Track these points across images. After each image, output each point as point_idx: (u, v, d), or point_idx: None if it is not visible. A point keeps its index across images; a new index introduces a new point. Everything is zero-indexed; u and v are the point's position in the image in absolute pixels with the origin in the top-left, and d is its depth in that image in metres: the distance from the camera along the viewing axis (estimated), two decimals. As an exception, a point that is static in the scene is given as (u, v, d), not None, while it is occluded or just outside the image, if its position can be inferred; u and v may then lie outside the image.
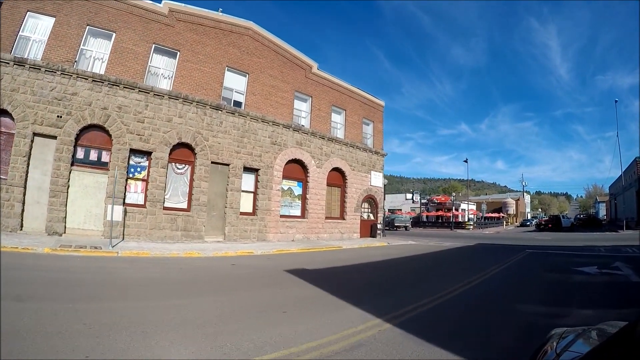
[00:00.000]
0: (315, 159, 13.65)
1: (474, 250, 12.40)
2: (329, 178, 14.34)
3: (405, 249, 11.84)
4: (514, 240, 17.79)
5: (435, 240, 17.44)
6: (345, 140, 14.74)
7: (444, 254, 11.24)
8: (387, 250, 11.42)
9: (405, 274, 7.19)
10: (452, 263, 9.17)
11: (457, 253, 11.55)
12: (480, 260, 9.48)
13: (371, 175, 15.95)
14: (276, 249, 10.04)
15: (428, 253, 11.08)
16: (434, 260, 9.70)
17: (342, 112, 15.09)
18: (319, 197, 13.66)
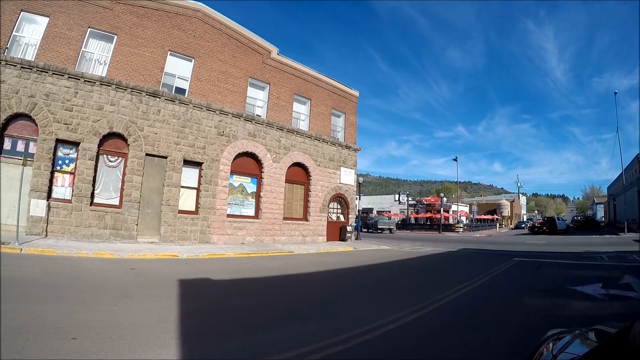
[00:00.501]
0: (272, 152, 12.87)
1: (453, 257, 11.15)
2: (288, 174, 13.51)
3: (371, 256, 10.75)
4: (503, 245, 16.67)
5: (416, 244, 16.50)
6: (309, 133, 13.90)
7: (414, 262, 10.02)
8: (349, 257, 10.35)
9: (347, 290, 5.84)
10: (415, 276, 7.72)
11: (430, 261, 10.27)
12: (453, 272, 8.12)
13: (341, 172, 14.99)
14: (208, 253, 9.28)
15: (396, 261, 9.92)
16: (394, 271, 8.40)
17: (306, 101, 14.29)
18: (276, 195, 12.84)
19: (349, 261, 9.36)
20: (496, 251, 13.38)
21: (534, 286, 6.23)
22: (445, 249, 14.28)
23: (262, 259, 9.20)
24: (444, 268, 9.09)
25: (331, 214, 14.95)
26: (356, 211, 17.36)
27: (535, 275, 7.46)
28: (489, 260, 9.92)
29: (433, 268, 9.02)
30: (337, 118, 15.66)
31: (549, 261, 9.59)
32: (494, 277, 7.10)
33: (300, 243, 13.40)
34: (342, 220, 15.32)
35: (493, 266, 8.40)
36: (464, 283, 6.16)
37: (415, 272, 8.25)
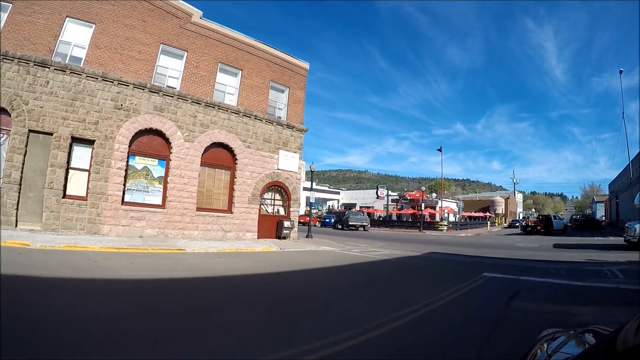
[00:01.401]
0: (184, 130, 11.82)
1: (400, 268, 9.09)
2: (208, 157, 12.37)
3: (288, 261, 9.05)
4: (484, 249, 14.76)
5: (379, 244, 15.18)
6: (236, 108, 12.69)
7: (335, 274, 7.82)
8: (254, 261, 8.57)
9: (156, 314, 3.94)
10: (301, 301, 5.37)
11: (364, 273, 7.99)
12: (376, 297, 5.60)
13: (279, 156, 13.56)
14: (66, 245, 8.29)
15: (311, 269, 8.08)
16: (284, 290, 6.28)
17: (237, 72, 13.18)
18: (187, 181, 11.70)
19: (241, 267, 7.77)
20: (469, 258, 11.51)
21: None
22: (408, 252, 12.62)
23: (129, 256, 7.93)
24: (371, 287, 6.39)
25: (266, 205, 13.48)
26: (305, 203, 15.82)
27: (500, 321, 4.25)
28: (447, 276, 7.74)
29: (354, 286, 6.47)
30: (279, 93, 14.36)
31: (534, 281, 7.06)
32: (421, 319, 4.25)
33: (219, 240, 12.08)
34: (282, 214, 13.76)
35: (442, 289, 5.84)
36: (361, 326, 3.70)
37: (310, 293, 5.79)
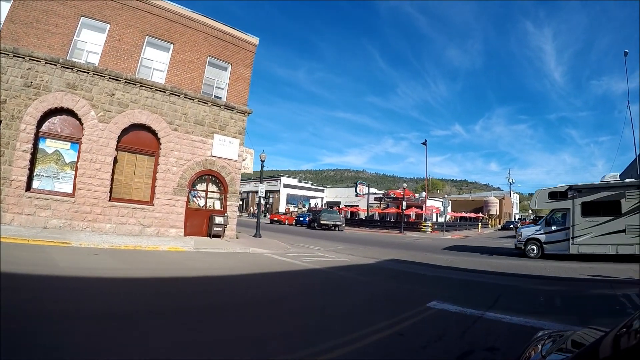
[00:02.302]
0: (99, 109, 11.47)
1: (329, 283, 7.62)
2: (127, 140, 11.97)
3: (188, 266, 8.13)
4: (462, 256, 13.49)
5: (336, 247, 14.58)
6: (162, 85, 12.17)
7: (212, 287, 6.78)
8: (126, 264, 7.70)
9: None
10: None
11: (241, 293, 6.23)
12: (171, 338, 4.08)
13: (214, 141, 12.77)
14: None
15: (193, 277, 7.05)
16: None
17: (168, 46, 12.69)
18: (99, 167, 11.28)
19: (91, 268, 6.94)
20: (433, 270, 10.22)
21: None
22: (362, 259, 11.65)
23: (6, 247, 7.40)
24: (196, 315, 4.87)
25: (197, 198, 12.67)
26: (261, 200, 15.11)
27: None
28: (370, 306, 5.71)
29: (182, 310, 4.79)
30: (220, 70, 13.73)
31: (509, 324, 4.64)
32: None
33: (135, 235, 11.48)
34: (217, 208, 12.88)
35: (326, 338, 3.81)
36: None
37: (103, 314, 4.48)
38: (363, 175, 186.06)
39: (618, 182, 13.10)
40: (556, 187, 13.97)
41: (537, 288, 7.94)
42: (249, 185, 59.20)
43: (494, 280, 8.81)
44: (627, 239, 11.82)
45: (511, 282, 8.64)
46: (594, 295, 7.32)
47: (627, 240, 11.85)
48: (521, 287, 8.08)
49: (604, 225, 12.21)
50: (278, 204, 48.28)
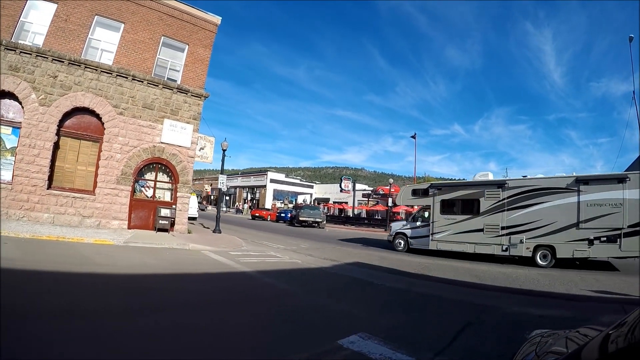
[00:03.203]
0: (40, 92, 11.25)
1: (244, 293, 6.70)
2: (70, 125, 11.89)
3: (94, 262, 7.76)
4: (442, 260, 12.62)
5: (302, 246, 13.98)
6: (108, 67, 11.75)
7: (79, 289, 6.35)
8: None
9: None
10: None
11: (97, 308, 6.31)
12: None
13: (164, 126, 12.16)
14: None
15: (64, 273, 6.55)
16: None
17: (119, 25, 12.30)
18: (38, 152, 11.04)
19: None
20: (398, 278, 9.07)
21: None
22: (321, 261, 10.90)
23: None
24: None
25: (145, 188, 12.08)
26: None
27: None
28: (263, 335, 4.41)
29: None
30: (176, 52, 13.34)
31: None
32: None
33: (74, 226, 11.02)
34: (167, 200, 12.19)
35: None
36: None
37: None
38: (361, 174, 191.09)
39: (478, 181, 13.11)
40: (419, 184, 15.05)
41: (527, 312, 6.06)
42: (236, 180, 59.57)
43: (465, 297, 7.14)
44: (486, 238, 12.01)
45: (490, 300, 6.92)
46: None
47: (485, 240, 12.02)
48: (502, 309, 6.29)
49: (462, 223, 12.53)
50: (264, 199, 48.14)
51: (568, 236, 10.85)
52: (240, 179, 57.31)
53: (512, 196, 11.81)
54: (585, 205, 10.74)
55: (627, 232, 10.11)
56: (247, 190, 53.57)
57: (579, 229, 10.73)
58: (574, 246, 10.76)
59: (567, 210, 10.95)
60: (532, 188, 11.61)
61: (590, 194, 10.71)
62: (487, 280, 9.09)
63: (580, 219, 10.72)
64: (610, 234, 10.33)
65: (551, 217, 11.15)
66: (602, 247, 10.43)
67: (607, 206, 10.45)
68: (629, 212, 10.15)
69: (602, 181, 10.84)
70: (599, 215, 10.51)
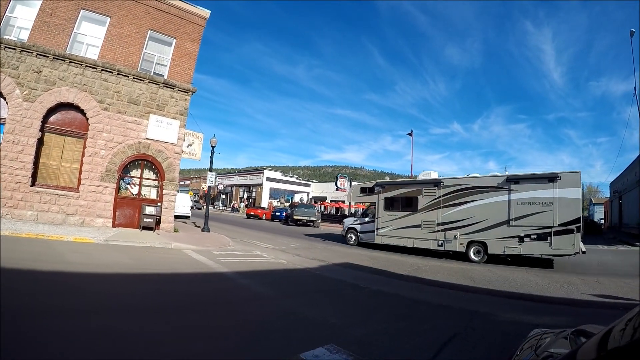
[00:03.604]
0: (24, 87, 11.26)
1: (213, 295, 6.36)
2: (55, 121, 12.01)
3: (63, 260, 7.76)
4: (424, 264, 12.47)
5: (289, 245, 13.93)
6: (93, 61, 11.67)
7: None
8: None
9: None
10: None
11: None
12: None
13: (150, 122, 12.04)
14: None
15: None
16: None
17: (104, 19, 12.21)
18: (21, 149, 11.13)
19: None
20: (383, 282, 8.58)
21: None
22: (304, 262, 10.57)
23: None
24: None
25: (131, 185, 11.98)
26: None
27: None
28: (214, 346, 3.80)
29: None
30: (163, 46, 13.30)
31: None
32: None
33: (58, 224, 11.00)
34: (153, 197, 12.05)
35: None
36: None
37: None
38: (361, 172, 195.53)
39: (417, 180, 14.19)
40: (366, 183, 15.79)
41: (522, 320, 5.60)
42: (233, 179, 59.68)
43: (456, 302, 6.72)
44: (423, 233, 12.72)
45: (483, 306, 6.47)
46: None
47: (422, 235, 12.73)
48: (494, 316, 5.84)
49: (402, 219, 13.37)
50: (261, 198, 48.32)
51: (499, 233, 11.24)
52: (236, 178, 57.52)
53: (447, 194, 12.38)
54: (516, 204, 11.02)
55: (557, 231, 10.31)
56: (243, 188, 53.71)
57: (509, 227, 11.05)
58: (505, 243, 11.12)
59: (498, 208, 11.30)
60: (466, 186, 12.09)
61: (521, 193, 11.00)
62: (481, 283, 8.79)
63: (511, 216, 11.04)
64: (540, 232, 10.54)
65: (483, 215, 11.57)
66: (533, 244, 10.69)
67: (538, 205, 10.70)
68: (559, 211, 10.36)
69: (532, 180, 11.09)
70: (529, 213, 10.77)
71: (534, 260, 11.99)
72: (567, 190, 10.37)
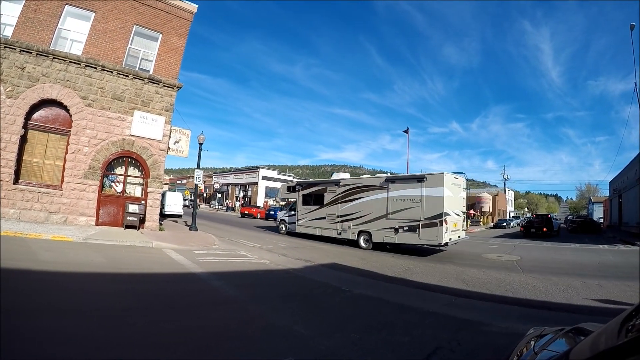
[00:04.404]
0: (7, 84, 11.39)
1: (175, 297, 6.02)
2: (38, 118, 12.16)
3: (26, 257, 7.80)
4: (428, 262, 12.50)
5: (278, 244, 13.66)
6: (77, 57, 11.69)
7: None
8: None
9: None
10: None
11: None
12: None
13: (134, 118, 12.00)
14: None
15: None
16: None
17: (89, 15, 12.17)
18: (4, 146, 11.77)
19: None
20: (367, 285, 8.67)
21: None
22: (288, 263, 10.59)
23: None
24: None
25: (115, 183, 11.95)
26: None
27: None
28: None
29: None
30: (149, 41, 13.26)
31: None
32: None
33: (40, 223, 10.98)
34: (138, 195, 12.00)
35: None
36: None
37: None
38: (360, 172, 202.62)
39: (324, 180, 17.40)
40: (290, 182, 19.05)
41: (517, 331, 5.66)
42: (228, 178, 59.85)
43: (445, 308, 6.26)
44: (327, 224, 15.46)
45: (474, 314, 5.98)
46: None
47: (327, 226, 15.45)
48: (486, 326, 5.34)
49: (313, 212, 16.27)
50: (256, 197, 48.26)
51: (380, 225, 13.43)
52: (232, 176, 57.65)
53: (344, 192, 14.93)
54: (392, 200, 13.09)
55: (424, 224, 12.11)
56: (239, 187, 53.79)
57: (387, 219, 13.17)
58: (385, 233, 13.26)
59: (379, 204, 13.51)
60: (357, 186, 14.62)
61: (396, 191, 13.04)
62: (475, 287, 8.42)
63: (388, 211, 13.18)
64: (411, 224, 12.46)
65: (368, 209, 13.91)
66: (406, 235, 12.66)
67: (409, 201, 12.63)
68: (426, 207, 12.13)
69: (405, 180, 13.23)
70: (402, 208, 12.76)
71: (414, 250, 13.68)
72: (432, 189, 12.05)
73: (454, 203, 12.35)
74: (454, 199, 12.39)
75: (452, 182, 12.37)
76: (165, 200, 24.86)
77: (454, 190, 12.38)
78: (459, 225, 12.78)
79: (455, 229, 12.48)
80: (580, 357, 0.80)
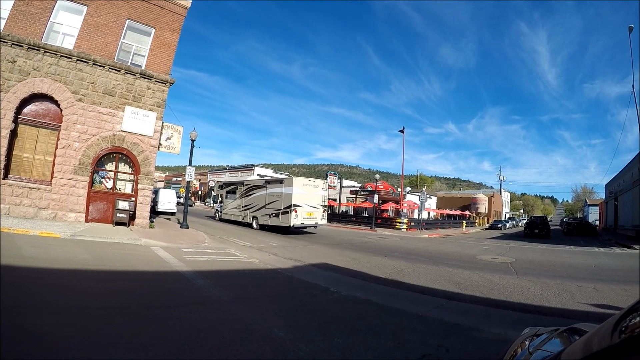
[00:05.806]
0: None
1: (149, 297, 6.24)
2: (29, 113, 12.39)
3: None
4: (422, 263, 12.57)
5: (270, 243, 13.32)
6: (68, 51, 11.72)
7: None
8: None
9: None
10: None
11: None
12: None
13: (125, 114, 12.06)
14: None
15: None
16: None
17: (82, 8, 12.18)
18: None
19: None
20: (357, 287, 10.30)
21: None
22: (277, 262, 10.59)
23: None
24: None
25: (106, 179, 12.02)
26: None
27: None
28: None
29: None
30: (142, 36, 13.37)
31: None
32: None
33: (29, 219, 11.09)
34: (128, 192, 12.05)
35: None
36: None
37: None
38: (356, 171, 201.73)
39: (237, 181, 24.86)
40: (220, 181, 27.78)
41: (509, 338, 5.60)
42: (224, 176, 60.19)
43: (436, 312, 6.23)
44: (238, 212, 21.76)
45: (465, 318, 5.95)
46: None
47: (238, 213, 21.73)
48: (476, 331, 5.34)
49: (232, 203, 22.85)
50: None
51: (263, 212, 19.42)
52: (227, 175, 58.08)
53: (245, 189, 21.40)
54: (268, 195, 19.08)
55: (283, 211, 17.76)
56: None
57: (266, 208, 19.10)
58: (265, 218, 19.21)
59: (262, 198, 19.57)
60: (252, 185, 21.12)
61: (270, 189, 19.16)
62: (467, 290, 8.46)
63: (266, 203, 19.13)
64: (276, 212, 18.20)
65: (257, 201, 20.07)
66: (274, 219, 18.35)
67: (276, 196, 18.47)
68: (283, 200, 17.84)
69: (275, 182, 19.61)
70: (273, 201, 18.61)
71: (280, 228, 18.42)
72: (287, 188, 17.83)
73: (308, 199, 17.80)
74: (308, 196, 17.84)
75: (305, 184, 18.13)
76: (158, 198, 25.30)
77: (307, 189, 18.00)
78: (316, 215, 18.17)
79: (312, 217, 17.99)
80: (573, 358, 0.81)
